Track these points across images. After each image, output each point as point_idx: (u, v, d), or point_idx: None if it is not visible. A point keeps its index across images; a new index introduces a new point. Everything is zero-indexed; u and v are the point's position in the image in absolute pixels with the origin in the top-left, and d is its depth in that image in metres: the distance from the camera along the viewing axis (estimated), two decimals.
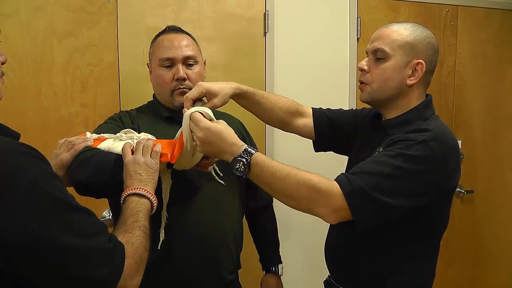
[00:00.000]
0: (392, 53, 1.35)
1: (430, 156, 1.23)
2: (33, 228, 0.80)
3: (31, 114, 1.96)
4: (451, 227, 2.90)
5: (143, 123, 1.56)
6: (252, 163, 1.25)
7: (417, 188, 1.25)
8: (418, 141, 1.24)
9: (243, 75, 2.34)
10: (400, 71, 1.35)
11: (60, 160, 1.33)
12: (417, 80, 1.36)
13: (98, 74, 2.07)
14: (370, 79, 1.40)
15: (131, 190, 1.15)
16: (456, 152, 1.34)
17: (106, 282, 0.89)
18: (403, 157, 1.23)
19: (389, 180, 1.22)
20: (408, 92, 1.38)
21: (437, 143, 1.25)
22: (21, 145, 0.86)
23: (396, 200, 1.22)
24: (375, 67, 1.39)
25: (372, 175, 1.23)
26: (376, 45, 1.38)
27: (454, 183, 1.35)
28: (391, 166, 1.23)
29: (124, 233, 1.03)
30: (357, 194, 1.21)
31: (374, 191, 1.21)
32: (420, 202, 1.27)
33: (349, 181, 1.23)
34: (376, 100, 1.43)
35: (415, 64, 1.35)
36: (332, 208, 1.23)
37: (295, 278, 2.33)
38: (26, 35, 1.93)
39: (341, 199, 1.21)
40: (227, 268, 1.57)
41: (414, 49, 1.35)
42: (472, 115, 2.92)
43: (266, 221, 1.90)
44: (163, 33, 1.59)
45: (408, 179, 1.23)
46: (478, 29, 2.87)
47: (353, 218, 1.23)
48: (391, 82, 1.37)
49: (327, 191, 1.22)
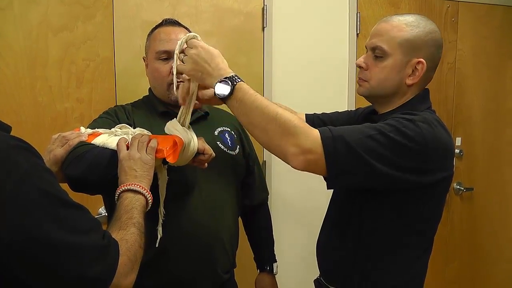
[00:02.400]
0: (391, 51, 1.30)
1: (418, 135, 1.18)
2: (24, 224, 0.77)
3: (26, 109, 1.93)
4: (450, 224, 2.92)
5: (138, 118, 1.54)
6: (237, 87, 1.22)
7: (401, 162, 1.19)
8: (407, 119, 1.21)
9: (241, 71, 2.27)
10: (399, 70, 1.31)
11: (53, 155, 1.30)
12: (418, 79, 1.32)
13: (94, 69, 2.04)
14: (369, 76, 1.36)
15: (125, 186, 1.13)
16: (447, 146, 1.27)
17: (99, 280, 0.86)
18: (391, 128, 1.19)
19: (370, 140, 1.17)
20: (407, 90, 1.35)
21: (427, 126, 1.21)
22: (12, 138, 0.83)
23: (374, 161, 1.17)
24: (374, 65, 1.35)
25: (355, 132, 1.19)
26: (374, 42, 1.34)
27: (443, 176, 1.29)
28: (376, 131, 1.19)
29: (118, 230, 1.00)
30: (335, 139, 1.16)
31: (353, 142, 1.16)
32: (398, 179, 1.20)
33: (329, 129, 1.19)
34: (373, 96, 1.40)
35: (416, 63, 1.30)
36: (302, 148, 1.16)
37: (289, 277, 2.32)
38: (20, 29, 1.89)
39: (315, 140, 1.16)
40: (222, 267, 1.55)
41: (414, 47, 1.29)
42: (472, 112, 2.91)
43: (261, 220, 1.88)
44: (160, 26, 1.57)
45: (391, 148, 1.18)
46: (479, 26, 2.85)
47: (326, 163, 1.16)
48: (390, 81, 1.33)
49: (303, 129, 1.17)
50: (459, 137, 2.89)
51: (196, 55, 1.25)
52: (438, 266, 2.92)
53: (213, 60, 1.25)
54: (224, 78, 1.22)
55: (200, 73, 1.26)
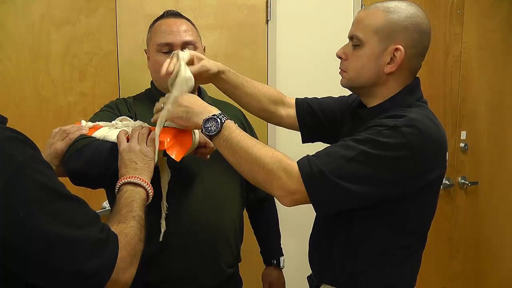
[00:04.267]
0: (366, 39, 1.26)
1: (402, 143, 1.15)
2: (20, 217, 0.77)
3: (29, 103, 1.93)
4: (455, 218, 2.91)
5: (140, 110, 1.53)
6: (224, 125, 1.22)
7: (384, 176, 1.17)
8: (389, 127, 1.17)
9: (245, 64, 2.30)
10: (376, 58, 1.26)
11: (54, 149, 1.30)
12: (396, 67, 1.26)
13: (97, 63, 2.04)
14: (347, 67, 1.33)
15: (125, 179, 1.12)
16: (437, 143, 1.23)
17: (98, 275, 0.86)
18: (371, 143, 1.16)
19: (351, 164, 1.15)
20: (388, 80, 1.29)
21: (412, 129, 1.16)
22: (7, 130, 0.82)
23: (358, 186, 1.16)
24: (352, 54, 1.31)
25: (334, 158, 1.17)
26: (351, 31, 1.31)
27: (434, 177, 1.25)
28: (356, 151, 1.16)
29: (118, 223, 0.99)
30: (315, 176, 1.15)
31: (333, 174, 1.15)
32: (390, 191, 1.20)
33: (309, 163, 1.18)
34: (355, 88, 1.37)
35: (393, 50, 1.24)
36: (288, 191, 1.18)
37: (296, 271, 2.31)
38: (22, 22, 1.88)
39: (297, 181, 1.16)
40: (226, 262, 1.55)
41: (391, 34, 1.24)
42: (477, 106, 2.88)
43: (267, 213, 1.88)
44: (162, 18, 1.56)
45: (373, 165, 1.16)
46: (485, 18, 2.82)
47: (311, 201, 1.18)
48: (367, 70, 1.29)
49: (286, 170, 1.17)
50: (464, 131, 2.87)
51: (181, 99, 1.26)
52: (442, 260, 2.90)
53: (197, 101, 1.28)
54: (212, 115, 1.23)
55: (185, 113, 1.25)
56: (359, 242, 1.31)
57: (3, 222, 0.76)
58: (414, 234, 1.33)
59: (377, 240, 1.30)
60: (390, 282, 1.32)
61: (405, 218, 1.28)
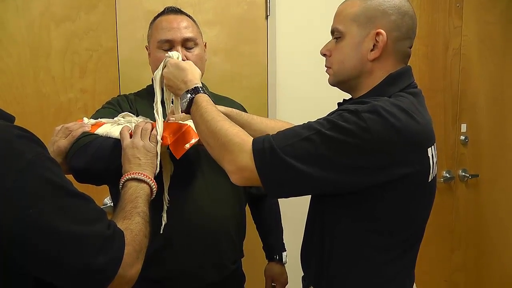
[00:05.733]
0: (346, 29, 1.23)
1: (361, 127, 1.06)
2: (28, 214, 0.77)
3: (29, 100, 1.93)
4: (455, 211, 2.92)
5: (141, 107, 1.53)
6: (194, 100, 1.25)
7: (338, 161, 1.08)
8: (349, 111, 1.10)
9: (245, 60, 2.30)
10: (357, 47, 1.22)
11: (57, 147, 1.31)
12: (380, 52, 1.20)
13: (97, 60, 2.04)
14: (331, 62, 1.29)
15: (129, 175, 1.13)
16: (406, 135, 1.10)
17: (105, 271, 0.86)
18: (330, 125, 1.09)
19: (305, 143, 1.08)
20: (373, 68, 1.22)
21: (374, 115, 1.07)
22: (15, 128, 0.83)
23: (310, 167, 1.07)
24: (334, 48, 1.28)
25: (288, 136, 1.11)
26: (332, 26, 1.29)
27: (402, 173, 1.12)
28: (312, 131, 1.09)
29: (123, 219, 1.00)
30: (265, 152, 1.09)
31: (284, 152, 1.08)
32: (345, 179, 1.10)
33: (263, 139, 1.12)
34: (341, 82, 1.30)
35: (375, 35, 1.19)
36: (237, 166, 1.12)
37: (299, 266, 2.31)
38: (22, 19, 1.88)
39: (248, 156, 1.10)
40: (229, 257, 1.55)
41: (370, 19, 1.20)
42: (477, 99, 2.89)
43: (269, 208, 1.88)
44: (162, 14, 1.55)
45: (327, 147, 1.07)
46: (484, 11, 2.82)
47: (260, 179, 1.10)
48: (350, 60, 1.23)
49: (239, 144, 1.12)
50: (464, 124, 2.88)
51: (167, 73, 1.35)
52: (443, 253, 2.92)
53: (180, 74, 1.32)
54: (186, 91, 1.27)
55: (173, 89, 1.35)
56: (333, 241, 1.25)
57: (13, 219, 0.76)
58: (388, 237, 1.21)
59: (349, 240, 1.23)
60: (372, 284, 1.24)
61: (371, 217, 1.19)
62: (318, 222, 1.30)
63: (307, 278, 1.40)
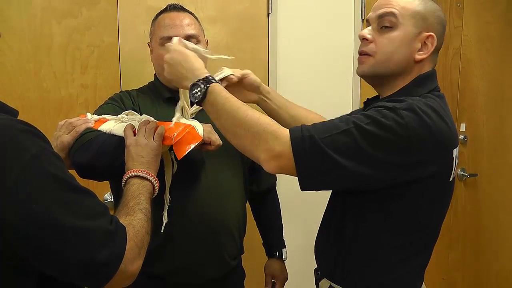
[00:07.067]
0: (402, 21, 1.19)
1: (399, 123, 1.07)
2: (33, 208, 0.78)
3: (31, 94, 1.93)
4: (454, 210, 2.92)
5: (144, 104, 1.54)
6: (209, 90, 1.18)
7: (376, 156, 1.08)
8: (387, 107, 1.10)
9: (246, 57, 2.30)
10: (409, 43, 1.20)
11: (61, 142, 1.31)
12: (427, 55, 1.21)
13: (98, 55, 2.04)
14: (374, 49, 1.23)
15: (133, 172, 1.13)
16: (437, 135, 1.11)
17: (107, 265, 0.87)
18: (368, 119, 1.09)
19: (344, 136, 1.08)
20: (414, 69, 1.23)
21: (411, 113, 1.08)
22: (19, 122, 0.83)
23: (348, 161, 1.07)
24: (381, 36, 1.22)
25: (327, 128, 1.10)
26: (384, 10, 1.21)
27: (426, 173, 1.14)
28: (351, 124, 1.09)
29: (126, 215, 1.01)
30: (305, 141, 1.08)
31: (323, 142, 1.07)
32: (380, 173, 1.10)
33: (301, 128, 1.11)
34: (377, 75, 1.25)
35: (426, 37, 1.20)
36: (273, 153, 1.10)
37: (299, 263, 2.32)
38: (24, 14, 1.89)
39: (285, 143, 1.09)
40: (230, 254, 1.56)
41: (425, 21, 1.19)
42: (477, 98, 2.90)
43: (269, 205, 1.89)
44: (165, 12, 1.56)
45: (366, 141, 1.07)
46: (484, 11, 2.82)
47: (296, 167, 1.09)
48: (398, 54, 1.20)
49: (273, 132, 1.10)
50: (463, 123, 2.88)
51: (170, 59, 1.26)
52: (441, 251, 2.93)
53: (187, 62, 1.23)
54: (197, 81, 1.19)
55: (176, 77, 1.26)
56: (351, 237, 1.27)
57: (16, 212, 0.77)
58: (405, 235, 1.23)
59: (367, 237, 1.24)
60: (384, 282, 1.26)
61: (391, 215, 1.21)
62: (336, 218, 1.32)
63: (321, 271, 1.41)
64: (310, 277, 1.50)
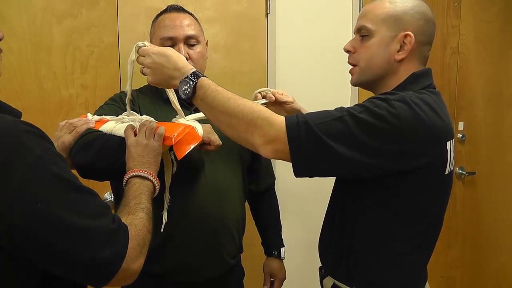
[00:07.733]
0: (375, 28, 1.27)
1: (392, 112, 1.11)
2: (37, 208, 0.79)
3: (31, 95, 1.94)
4: (452, 208, 2.93)
5: (144, 104, 1.54)
6: (198, 85, 1.18)
7: (368, 143, 1.11)
8: (380, 98, 1.16)
9: (244, 57, 2.31)
10: (386, 46, 1.27)
11: (62, 142, 1.32)
12: (407, 54, 1.26)
13: (98, 55, 2.05)
14: (357, 58, 1.32)
15: (133, 172, 1.14)
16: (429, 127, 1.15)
17: (110, 264, 0.88)
18: (362, 108, 1.13)
19: (337, 123, 1.12)
20: (399, 68, 1.28)
21: (403, 103, 1.13)
22: (23, 123, 0.84)
23: (340, 146, 1.10)
24: (361, 46, 1.31)
25: (322, 115, 1.14)
26: (359, 23, 1.31)
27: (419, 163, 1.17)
28: (345, 112, 1.13)
29: (127, 214, 1.02)
30: (300, 126, 1.11)
31: (318, 128, 1.11)
32: (372, 161, 1.13)
33: (296, 115, 1.15)
34: (366, 82, 1.34)
35: (403, 37, 1.25)
36: (268, 138, 1.13)
37: (297, 262, 2.33)
38: (24, 14, 1.89)
39: (280, 128, 1.12)
40: (229, 253, 1.57)
41: (399, 21, 1.25)
42: (475, 97, 2.91)
43: (268, 205, 1.90)
44: (165, 12, 1.57)
45: (359, 129, 1.11)
46: (482, 10, 2.84)
47: (290, 152, 1.12)
48: (377, 58, 1.28)
49: (267, 118, 1.13)
50: (461, 122, 2.90)
51: (151, 63, 1.23)
52: (440, 249, 2.93)
53: (169, 62, 1.22)
54: (185, 78, 1.20)
55: (162, 80, 1.24)
56: (352, 233, 1.30)
57: (20, 212, 0.78)
58: (405, 228, 1.26)
59: (369, 232, 1.27)
60: (386, 278, 1.28)
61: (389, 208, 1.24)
62: (338, 214, 1.34)
63: (325, 268, 1.43)
64: (309, 275, 1.51)
